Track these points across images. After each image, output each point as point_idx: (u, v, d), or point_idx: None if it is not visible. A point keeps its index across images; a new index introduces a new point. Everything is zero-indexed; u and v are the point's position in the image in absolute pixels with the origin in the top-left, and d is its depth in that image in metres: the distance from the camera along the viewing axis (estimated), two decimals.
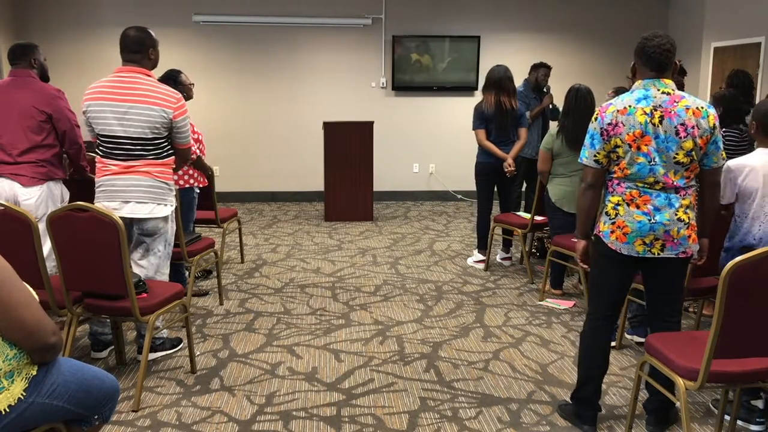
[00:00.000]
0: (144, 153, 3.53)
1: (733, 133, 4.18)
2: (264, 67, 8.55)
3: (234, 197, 8.71)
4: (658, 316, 3.05)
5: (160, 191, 3.59)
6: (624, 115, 2.77)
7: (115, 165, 3.54)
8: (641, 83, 2.83)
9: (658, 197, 2.80)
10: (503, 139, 5.55)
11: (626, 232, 2.84)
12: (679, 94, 2.80)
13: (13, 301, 1.93)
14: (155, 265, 3.69)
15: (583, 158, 2.92)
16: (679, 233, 2.82)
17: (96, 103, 3.51)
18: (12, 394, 2.01)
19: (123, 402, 3.27)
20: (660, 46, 2.76)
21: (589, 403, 3.07)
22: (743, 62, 6.96)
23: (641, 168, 2.78)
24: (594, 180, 2.92)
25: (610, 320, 3.04)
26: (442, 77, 8.69)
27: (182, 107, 3.58)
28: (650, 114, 2.75)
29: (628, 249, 2.86)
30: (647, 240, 2.83)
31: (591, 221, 3.02)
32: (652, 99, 2.77)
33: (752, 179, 3.13)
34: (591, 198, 2.95)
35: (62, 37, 8.16)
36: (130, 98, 3.48)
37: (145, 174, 3.54)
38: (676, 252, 2.85)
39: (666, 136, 2.74)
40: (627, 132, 2.76)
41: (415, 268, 5.72)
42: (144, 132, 3.49)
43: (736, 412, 2.98)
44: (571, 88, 4.75)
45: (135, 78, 3.52)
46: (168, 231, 3.71)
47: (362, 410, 3.26)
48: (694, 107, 2.76)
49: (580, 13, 8.75)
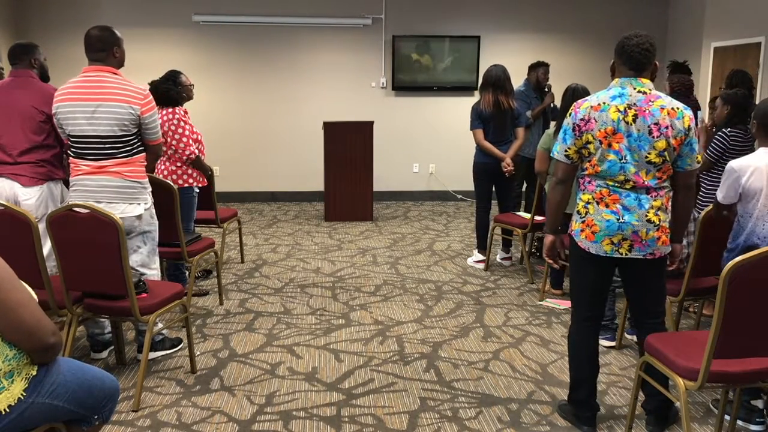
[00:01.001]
0: (114, 151, 3.52)
1: (737, 133, 4.17)
2: (264, 67, 8.55)
3: (234, 197, 8.70)
4: (639, 317, 3.05)
5: (131, 191, 3.59)
6: (597, 111, 2.77)
7: (86, 165, 3.54)
8: (618, 81, 2.83)
9: (627, 197, 2.79)
10: (501, 138, 5.55)
11: (594, 231, 2.84)
12: (655, 93, 2.79)
13: (13, 301, 1.93)
14: (138, 261, 3.69)
15: (555, 152, 2.93)
16: (648, 234, 2.80)
17: (65, 104, 3.51)
18: (12, 394, 2.01)
19: (123, 402, 3.27)
20: (639, 45, 2.76)
21: (586, 404, 3.07)
22: (743, 62, 6.96)
23: (612, 165, 2.78)
24: (564, 175, 2.93)
25: (593, 321, 3.02)
26: (442, 77, 8.68)
27: (150, 103, 3.57)
28: (624, 112, 2.74)
29: (596, 248, 2.85)
30: (615, 240, 2.82)
31: (559, 217, 3.03)
32: (627, 97, 2.76)
33: (756, 179, 3.12)
34: (560, 193, 2.96)
35: (62, 37, 8.15)
36: (97, 97, 3.47)
37: (115, 174, 3.54)
38: (644, 253, 2.83)
39: (639, 134, 2.74)
40: (599, 128, 2.76)
41: (415, 268, 5.72)
42: (113, 130, 3.48)
43: (736, 412, 2.98)
44: (568, 88, 4.75)
45: (101, 77, 3.51)
46: (145, 227, 3.70)
47: (362, 410, 3.26)
48: (669, 107, 2.75)
49: (580, 14, 8.75)
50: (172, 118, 4.53)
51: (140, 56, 7.70)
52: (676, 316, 3.83)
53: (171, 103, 4.57)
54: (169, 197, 4.05)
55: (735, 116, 4.18)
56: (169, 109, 4.55)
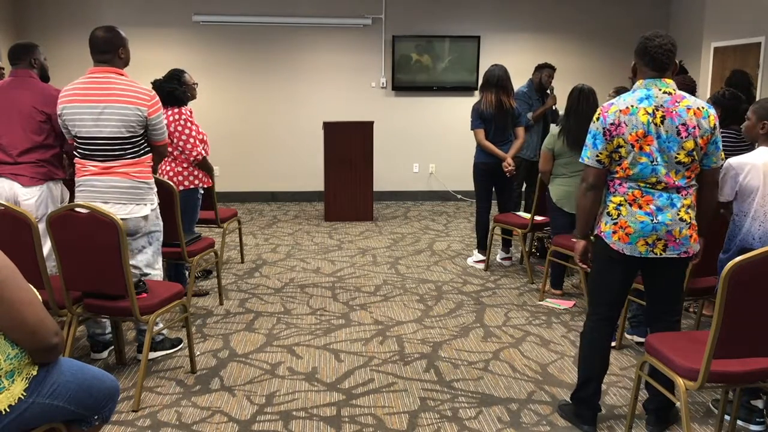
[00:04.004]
0: (121, 152, 3.52)
1: (729, 133, 4.17)
2: (264, 67, 8.55)
3: (234, 197, 8.71)
4: (658, 316, 3.04)
5: (138, 191, 3.59)
6: (627, 115, 2.77)
7: (93, 166, 3.54)
8: (642, 83, 2.82)
9: (660, 197, 2.80)
10: (501, 138, 5.55)
11: (629, 232, 2.84)
12: (680, 94, 2.80)
13: (16, 300, 1.93)
14: (143, 261, 3.70)
15: (585, 158, 2.90)
16: (681, 233, 2.82)
17: (70, 106, 3.51)
18: (12, 394, 2.01)
19: (123, 402, 3.27)
20: (662, 47, 2.76)
21: (589, 403, 3.07)
22: (743, 62, 6.96)
23: (644, 168, 2.78)
24: (595, 180, 2.90)
25: (611, 321, 3.04)
26: (442, 77, 8.68)
27: (156, 104, 3.57)
28: (652, 114, 2.75)
29: (631, 249, 2.85)
30: (650, 240, 2.83)
31: (591, 222, 3.01)
32: (654, 99, 2.76)
33: (753, 177, 3.12)
34: (592, 199, 2.93)
35: (62, 37, 8.16)
36: (104, 98, 3.47)
37: (123, 175, 3.54)
38: (678, 252, 2.85)
39: (668, 136, 2.74)
40: (630, 132, 2.76)
41: (415, 268, 5.72)
42: (120, 131, 3.48)
43: (736, 412, 2.98)
44: (574, 88, 4.74)
45: (108, 78, 3.51)
46: (151, 228, 3.71)
47: (362, 410, 3.26)
48: (695, 107, 2.77)
49: (580, 13, 8.75)
50: (178, 119, 4.48)
51: (140, 56, 7.68)
52: None
53: (176, 102, 4.51)
54: (169, 197, 4.05)
55: (726, 118, 4.18)
56: (174, 109, 4.49)
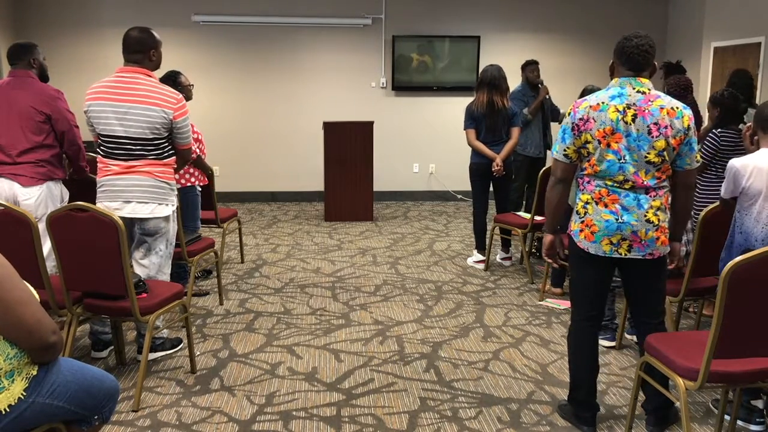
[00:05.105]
0: (145, 153, 3.54)
1: (728, 133, 4.16)
2: (264, 67, 8.54)
3: (234, 197, 8.70)
4: (640, 318, 3.04)
5: (161, 191, 3.60)
6: (596, 111, 2.78)
7: (116, 165, 3.55)
8: (617, 81, 2.84)
9: (626, 197, 2.80)
10: (494, 139, 5.54)
11: (594, 231, 2.84)
12: (654, 93, 2.79)
13: (13, 299, 1.92)
14: (157, 264, 3.69)
15: (554, 152, 2.93)
16: (647, 234, 2.80)
17: (96, 103, 3.52)
18: (12, 394, 2.01)
19: (123, 402, 3.27)
20: (639, 47, 2.76)
21: (586, 404, 3.07)
22: (743, 62, 6.96)
23: (611, 165, 2.78)
24: (563, 174, 2.93)
25: (594, 320, 3.02)
26: (442, 77, 8.69)
27: (183, 108, 3.59)
28: (623, 112, 2.75)
29: (596, 248, 2.85)
30: (614, 240, 2.82)
31: (559, 216, 3.03)
32: (626, 97, 2.77)
33: (757, 179, 3.06)
34: (559, 192, 2.96)
35: (62, 37, 8.16)
36: (130, 98, 3.48)
37: (146, 174, 3.55)
38: (643, 254, 2.83)
39: (638, 134, 2.74)
40: (597, 128, 2.77)
41: (415, 268, 5.72)
42: (144, 132, 3.49)
43: (736, 412, 2.98)
44: (585, 89, 4.76)
45: (135, 78, 3.53)
46: (169, 230, 3.72)
47: (362, 410, 3.25)
48: (668, 107, 2.76)
49: (580, 13, 8.75)
50: None
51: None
52: (676, 316, 3.83)
53: None
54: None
55: (725, 117, 4.18)
56: None
